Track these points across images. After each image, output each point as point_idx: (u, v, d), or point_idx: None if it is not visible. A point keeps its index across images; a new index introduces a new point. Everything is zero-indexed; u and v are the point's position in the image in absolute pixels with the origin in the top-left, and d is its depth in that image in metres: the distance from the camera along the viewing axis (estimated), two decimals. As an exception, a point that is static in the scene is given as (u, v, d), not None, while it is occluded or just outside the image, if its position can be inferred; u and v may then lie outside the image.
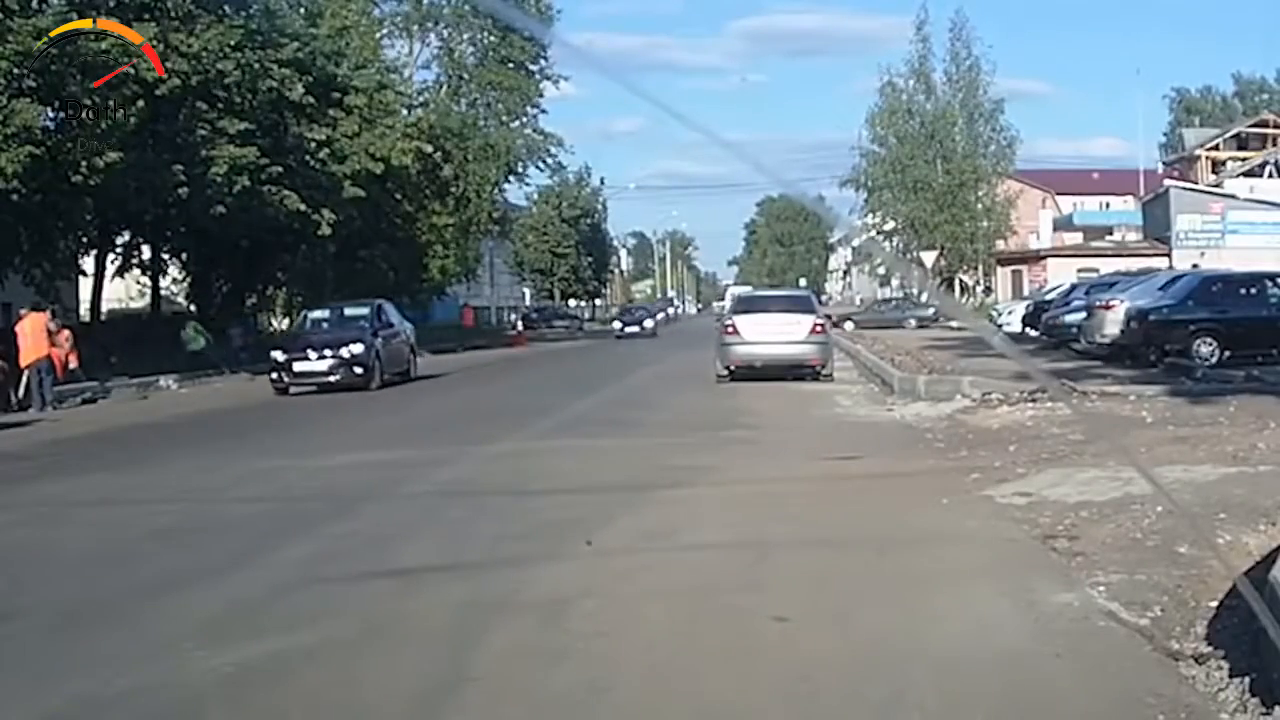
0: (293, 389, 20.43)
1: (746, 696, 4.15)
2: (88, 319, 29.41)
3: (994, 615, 5.07)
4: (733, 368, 19.03)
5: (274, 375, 20.82)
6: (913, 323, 44.85)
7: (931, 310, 47.60)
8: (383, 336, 21.72)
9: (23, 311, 21.04)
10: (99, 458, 12.81)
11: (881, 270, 68.69)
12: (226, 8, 27.15)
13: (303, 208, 28.32)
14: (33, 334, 19.71)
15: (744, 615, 5.15)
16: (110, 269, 30.55)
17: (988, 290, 54.69)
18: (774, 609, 5.13)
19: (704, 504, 8.16)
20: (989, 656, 4.47)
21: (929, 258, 48.99)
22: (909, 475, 9.14)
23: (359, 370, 20.60)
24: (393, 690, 4.28)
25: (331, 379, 20.41)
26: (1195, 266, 33.63)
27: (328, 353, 20.59)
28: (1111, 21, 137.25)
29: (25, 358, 19.54)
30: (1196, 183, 54.57)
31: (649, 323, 52.36)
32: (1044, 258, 51.27)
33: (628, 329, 50.49)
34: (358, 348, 20.73)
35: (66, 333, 22.19)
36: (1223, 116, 70.63)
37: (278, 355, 20.96)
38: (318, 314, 23.47)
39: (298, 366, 20.58)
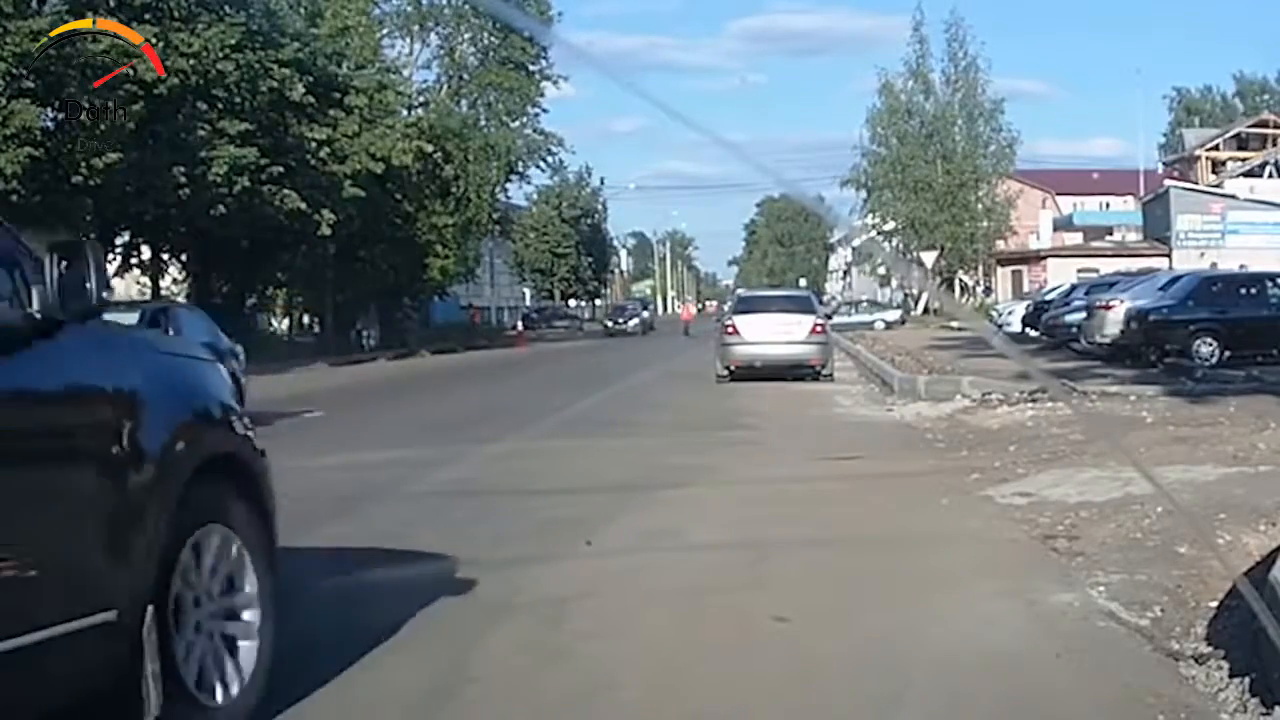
0: None
1: (747, 697, 4.15)
2: None
3: (994, 615, 5.07)
4: (733, 368, 19.05)
5: None
6: (880, 324, 44.72)
7: (899, 314, 47.62)
8: None
9: None
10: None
11: (882, 270, 68.74)
12: (227, 8, 27.13)
13: (303, 208, 28.31)
14: None
15: (744, 615, 5.14)
16: (110, 269, 30.52)
17: (988, 290, 54.71)
18: (774, 609, 5.13)
19: (704, 504, 8.15)
20: (989, 656, 4.47)
21: (929, 258, 49.01)
22: (909, 475, 9.14)
23: None
24: (393, 690, 4.28)
25: None
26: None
27: None
28: (1111, 21, 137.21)
29: None
30: (1196, 183, 54.56)
31: None
32: (1044, 258, 51.30)
33: None
34: None
35: None
36: (1223, 116, 70.57)
37: None
38: None
39: None
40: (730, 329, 19.34)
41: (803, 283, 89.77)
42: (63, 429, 3.08)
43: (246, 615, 3.74)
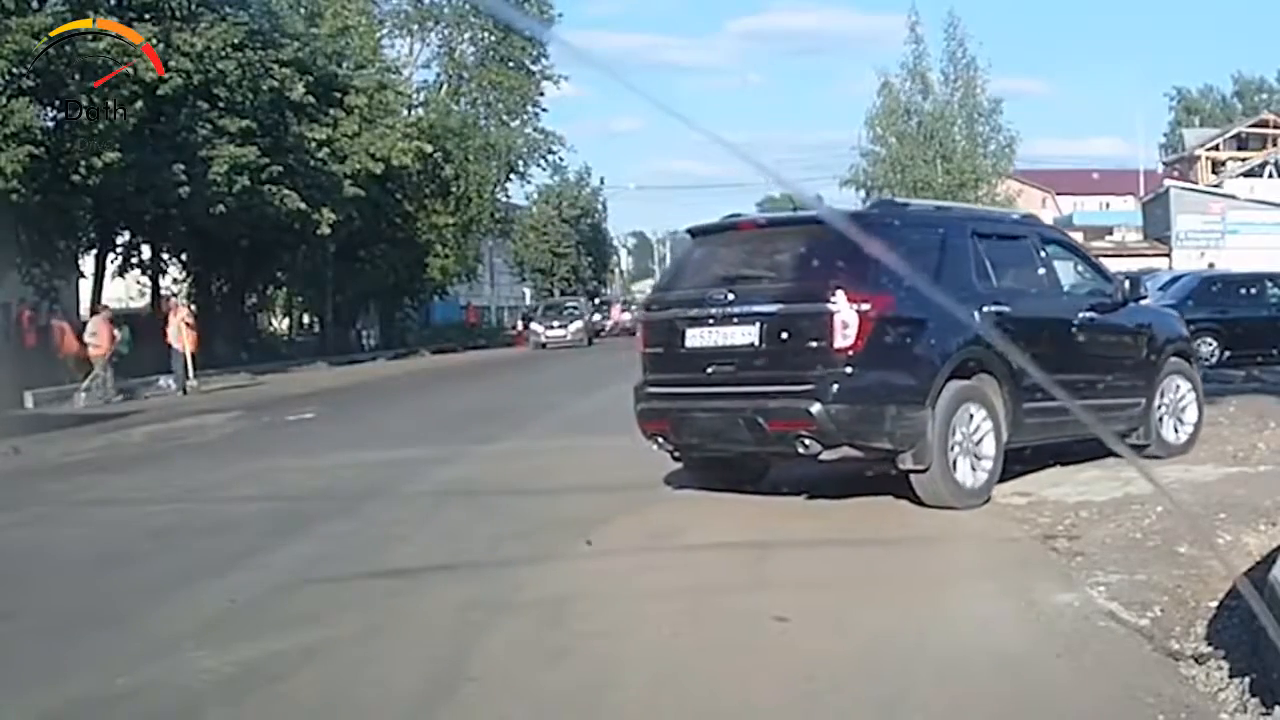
0: None
1: (747, 697, 4.15)
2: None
3: (994, 615, 5.07)
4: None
5: None
6: None
7: None
8: None
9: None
10: (98, 457, 12.80)
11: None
12: (228, 7, 27.13)
13: (303, 207, 28.30)
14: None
15: (745, 615, 5.14)
16: (110, 269, 30.52)
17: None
18: (775, 609, 5.12)
19: (704, 504, 8.14)
20: (989, 656, 4.47)
21: (929, 258, 48.93)
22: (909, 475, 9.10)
23: None
24: (392, 690, 4.28)
25: None
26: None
27: None
28: (1112, 21, 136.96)
29: None
30: (1196, 183, 54.54)
31: None
32: (1044, 257, 51.23)
33: None
34: None
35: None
36: (1223, 116, 70.56)
37: None
38: None
39: None
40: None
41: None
42: (1134, 333, 8.89)
43: (1189, 414, 9.09)
